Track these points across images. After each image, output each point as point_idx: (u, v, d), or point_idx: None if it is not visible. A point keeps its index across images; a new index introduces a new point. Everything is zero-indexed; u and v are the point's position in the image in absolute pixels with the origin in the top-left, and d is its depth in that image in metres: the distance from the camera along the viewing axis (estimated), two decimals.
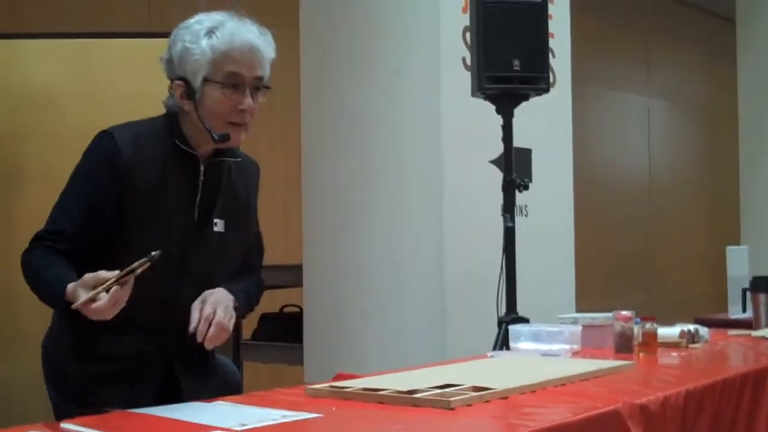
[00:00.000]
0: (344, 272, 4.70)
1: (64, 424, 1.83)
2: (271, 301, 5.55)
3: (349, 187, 4.72)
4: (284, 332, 5.06)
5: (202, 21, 2.42)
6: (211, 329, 2.29)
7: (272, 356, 5.34)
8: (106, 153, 2.36)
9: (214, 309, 2.32)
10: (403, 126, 4.56)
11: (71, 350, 2.44)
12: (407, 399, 2.15)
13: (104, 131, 2.41)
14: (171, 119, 2.47)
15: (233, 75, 2.40)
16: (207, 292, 2.39)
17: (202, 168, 2.47)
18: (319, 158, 4.89)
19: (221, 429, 1.76)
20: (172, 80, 2.44)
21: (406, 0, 4.62)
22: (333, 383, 2.36)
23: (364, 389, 2.26)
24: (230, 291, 2.45)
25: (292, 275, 5.00)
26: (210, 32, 2.38)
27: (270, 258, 5.75)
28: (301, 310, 5.00)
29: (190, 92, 2.40)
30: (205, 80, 2.38)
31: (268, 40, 2.45)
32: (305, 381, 4.53)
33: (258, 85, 2.44)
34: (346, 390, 2.27)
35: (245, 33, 2.40)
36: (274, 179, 6.38)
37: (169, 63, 2.44)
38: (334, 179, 4.80)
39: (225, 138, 2.41)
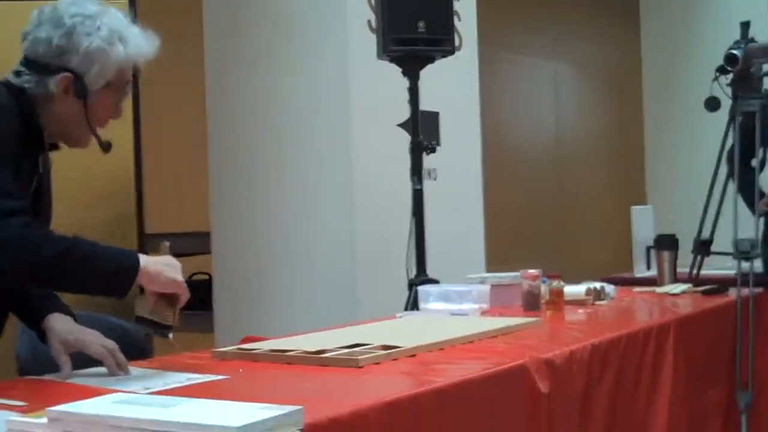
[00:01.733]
0: (254, 238, 4.67)
1: None
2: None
3: (257, 153, 4.68)
4: (193, 300, 5.00)
5: (105, 17, 2.15)
6: (120, 359, 2.09)
7: (182, 324, 5.28)
8: None
9: (96, 341, 2.10)
10: (311, 91, 4.53)
11: None
12: (315, 359, 2.14)
13: None
14: (24, 102, 2.13)
15: (127, 84, 2.21)
16: (57, 331, 2.13)
17: (41, 160, 2.22)
18: (226, 122, 4.83)
19: (125, 392, 1.72)
20: (50, 68, 2.12)
21: None
22: (240, 346, 2.34)
23: (272, 350, 2.24)
24: (61, 311, 2.22)
25: (201, 242, 4.94)
26: (122, 37, 2.15)
27: (179, 225, 5.72)
28: (211, 277, 4.96)
29: (80, 90, 2.13)
30: (107, 85, 2.15)
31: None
32: (215, 348, 4.49)
33: None
34: (253, 352, 2.26)
35: (147, 44, 2.19)
36: (182, 145, 6.30)
37: (59, 50, 2.12)
38: (242, 146, 4.75)
39: (109, 147, 2.20)
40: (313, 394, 1.82)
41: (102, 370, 2.07)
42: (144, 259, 2.00)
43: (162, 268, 2.03)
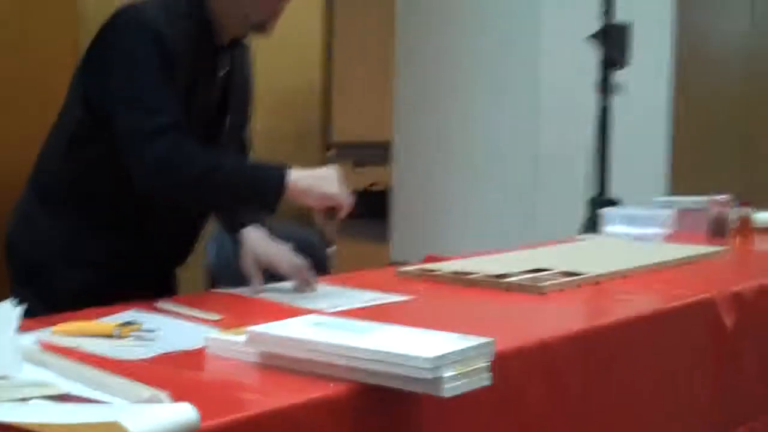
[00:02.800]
0: (433, 150, 4.68)
1: (160, 304, 1.85)
2: (357, 178, 5.57)
3: (443, 62, 4.66)
4: (371, 209, 5.08)
5: None
6: (308, 277, 2.11)
7: (358, 233, 5.37)
8: (151, 30, 1.97)
9: (287, 259, 2.14)
10: (500, 2, 4.46)
11: (60, 250, 2.12)
12: (498, 283, 2.14)
13: (127, 6, 2.00)
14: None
15: None
16: (251, 246, 2.17)
17: (224, 59, 2.15)
18: (414, 32, 4.82)
19: (316, 311, 1.76)
20: None
21: None
22: (423, 266, 2.36)
23: (455, 272, 2.25)
24: (256, 222, 2.24)
25: (382, 153, 4.99)
26: None
27: (358, 134, 5.78)
28: (389, 188, 5.01)
29: None
30: None
31: None
32: (391, 259, 4.57)
33: None
34: (436, 273, 2.27)
35: None
36: (366, 53, 6.31)
37: None
38: (427, 56, 4.73)
39: (263, 26, 2.09)
40: (497, 322, 1.83)
41: (290, 285, 2.13)
42: (294, 174, 1.94)
43: (314, 182, 1.95)
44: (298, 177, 1.93)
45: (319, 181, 1.95)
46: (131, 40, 1.97)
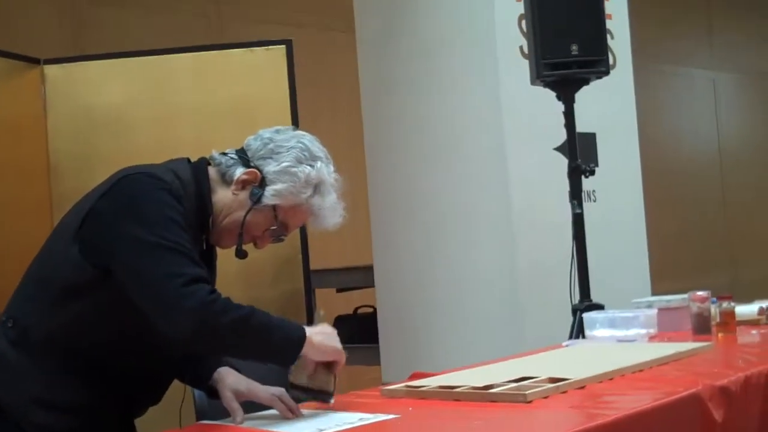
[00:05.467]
0: (415, 270, 4.70)
1: None
2: (345, 303, 5.58)
3: (415, 185, 4.72)
4: (359, 333, 5.08)
5: (324, 166, 2.26)
6: (289, 403, 2.14)
7: (348, 358, 5.36)
8: (174, 194, 2.12)
9: (265, 388, 2.20)
10: (465, 119, 4.54)
11: (33, 395, 2.13)
12: (484, 395, 2.14)
13: (148, 174, 2.15)
14: (201, 181, 2.23)
15: (287, 228, 2.29)
16: (228, 382, 2.23)
17: (204, 238, 2.29)
18: (383, 156, 4.89)
19: None
20: (248, 161, 2.24)
21: None
22: (408, 383, 2.37)
23: (440, 387, 2.25)
24: (228, 365, 2.31)
25: (364, 276, 5.01)
26: (321, 189, 2.25)
27: (341, 260, 5.81)
28: (375, 310, 5.01)
29: (255, 193, 2.21)
30: (274, 208, 2.23)
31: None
32: (382, 381, 4.55)
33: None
34: (421, 389, 2.27)
35: (333, 216, 2.29)
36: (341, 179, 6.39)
37: (268, 152, 2.24)
38: (399, 177, 4.80)
39: (244, 256, 2.27)
40: None
41: (273, 412, 2.13)
42: (308, 330, 2.10)
43: (323, 338, 2.12)
44: (311, 332, 2.10)
45: (326, 338, 2.13)
46: (157, 196, 2.09)
